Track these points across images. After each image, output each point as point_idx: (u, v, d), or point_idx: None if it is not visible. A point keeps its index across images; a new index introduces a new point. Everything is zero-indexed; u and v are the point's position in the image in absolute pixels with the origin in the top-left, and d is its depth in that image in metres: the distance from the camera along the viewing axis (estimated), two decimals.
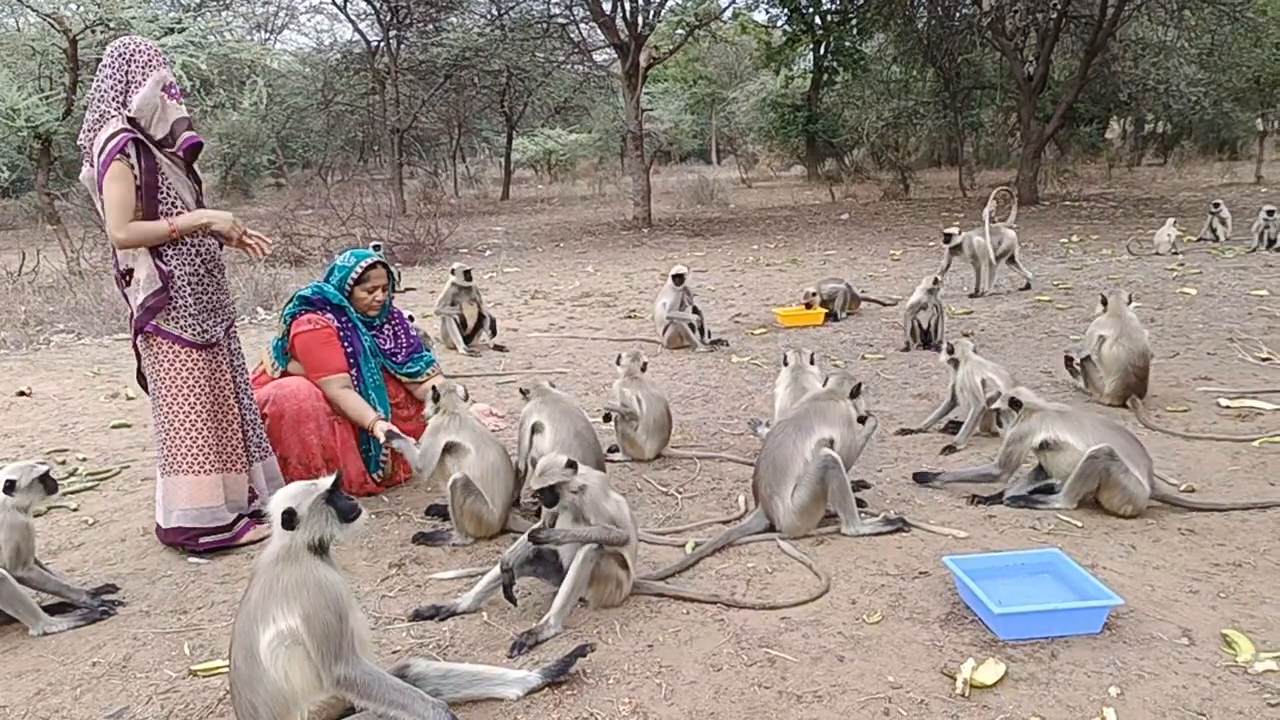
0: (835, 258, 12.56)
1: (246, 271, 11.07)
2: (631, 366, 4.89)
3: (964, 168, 22.32)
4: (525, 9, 21.32)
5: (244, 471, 3.93)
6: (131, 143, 3.52)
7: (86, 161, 3.65)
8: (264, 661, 2.23)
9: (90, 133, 3.59)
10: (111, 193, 3.47)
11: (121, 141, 3.49)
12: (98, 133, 3.55)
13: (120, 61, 3.58)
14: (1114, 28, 17.03)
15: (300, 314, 4.34)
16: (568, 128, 32.19)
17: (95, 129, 3.57)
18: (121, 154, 3.48)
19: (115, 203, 3.48)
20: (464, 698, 2.58)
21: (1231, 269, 9.80)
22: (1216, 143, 26.66)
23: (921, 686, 2.62)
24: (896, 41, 21.91)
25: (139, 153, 3.54)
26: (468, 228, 16.03)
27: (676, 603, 3.18)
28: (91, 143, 3.58)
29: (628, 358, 4.95)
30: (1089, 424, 3.83)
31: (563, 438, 4.00)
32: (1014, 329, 7.54)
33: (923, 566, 3.36)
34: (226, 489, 3.82)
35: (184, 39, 12.21)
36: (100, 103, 3.58)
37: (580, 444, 4.01)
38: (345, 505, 2.40)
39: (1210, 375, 5.76)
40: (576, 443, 4.00)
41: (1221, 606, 2.98)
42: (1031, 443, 3.87)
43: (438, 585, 3.42)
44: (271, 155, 27.93)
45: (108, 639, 3.12)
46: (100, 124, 3.56)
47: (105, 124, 3.54)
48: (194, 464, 3.74)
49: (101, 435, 5.64)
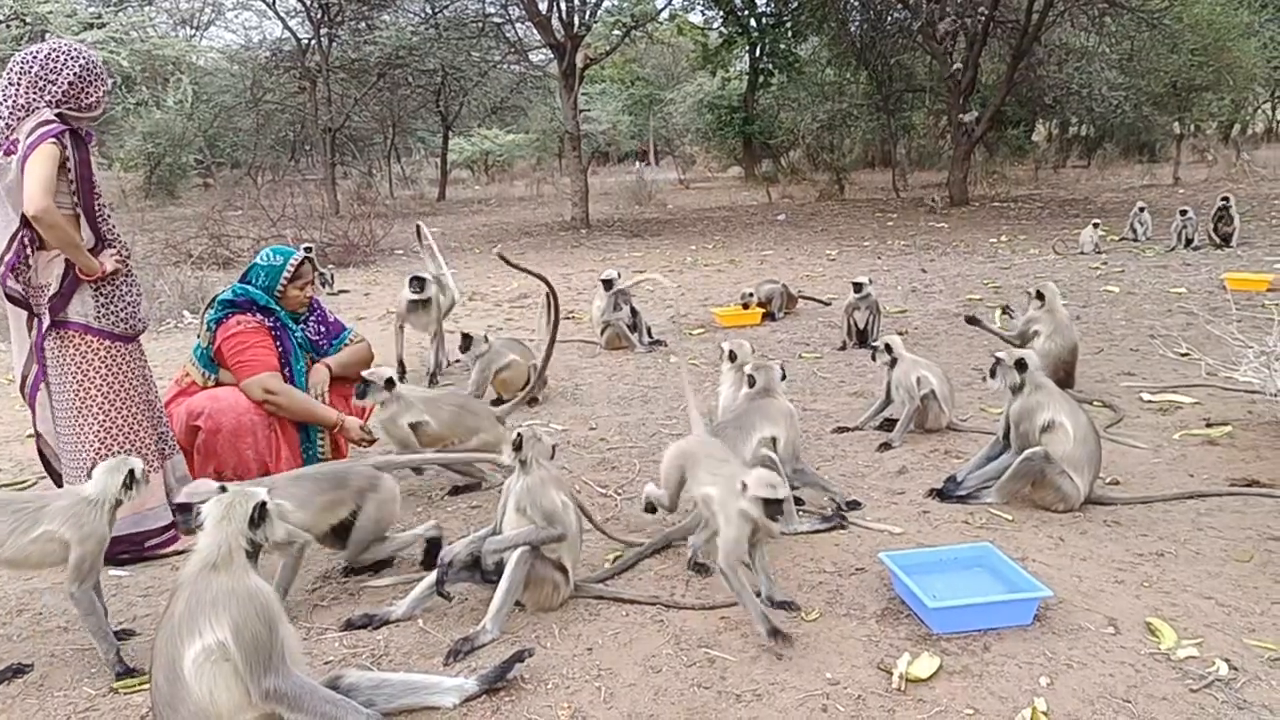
0: (773, 258, 12.68)
1: (172, 274, 10.72)
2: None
3: (897, 169, 22.76)
4: (460, 8, 21.07)
5: (164, 467, 3.85)
6: (68, 133, 3.45)
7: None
8: (188, 680, 2.14)
9: (11, 119, 3.46)
10: (37, 168, 3.33)
11: (56, 129, 3.41)
12: (23, 120, 3.44)
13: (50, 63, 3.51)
14: (1039, 33, 17.52)
15: (226, 317, 4.20)
16: (505, 128, 31.99)
17: (19, 117, 3.45)
18: (56, 139, 3.39)
19: (39, 177, 3.33)
20: (398, 708, 2.52)
21: (1152, 268, 10.16)
22: (1137, 145, 27.59)
23: (859, 682, 2.64)
24: (830, 44, 22.25)
25: (73, 144, 3.46)
26: (403, 229, 15.78)
27: (616, 605, 3.17)
28: (11, 129, 3.45)
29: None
30: (1083, 417, 3.82)
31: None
32: (946, 327, 7.69)
33: (859, 563, 3.40)
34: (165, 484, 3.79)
35: (105, 34, 11.85)
36: (21, 95, 3.46)
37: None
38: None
39: (1133, 371, 5.94)
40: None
41: (1145, 596, 3.07)
42: (1041, 419, 3.79)
43: (372, 593, 3.35)
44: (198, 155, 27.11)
45: (24, 656, 2.97)
46: (25, 113, 3.45)
47: (33, 114, 3.44)
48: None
49: (16, 445, 5.40)
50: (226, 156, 29.49)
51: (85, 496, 2.84)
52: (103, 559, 2.86)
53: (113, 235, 3.67)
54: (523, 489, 3.08)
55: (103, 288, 3.60)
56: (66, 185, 3.48)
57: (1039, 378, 3.92)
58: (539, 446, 3.14)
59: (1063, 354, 5.34)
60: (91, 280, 3.55)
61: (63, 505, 2.81)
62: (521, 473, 3.12)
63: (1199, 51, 18.64)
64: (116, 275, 3.65)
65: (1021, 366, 3.88)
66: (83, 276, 3.53)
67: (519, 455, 3.11)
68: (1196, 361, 5.75)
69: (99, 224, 3.59)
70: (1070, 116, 25.69)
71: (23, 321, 3.63)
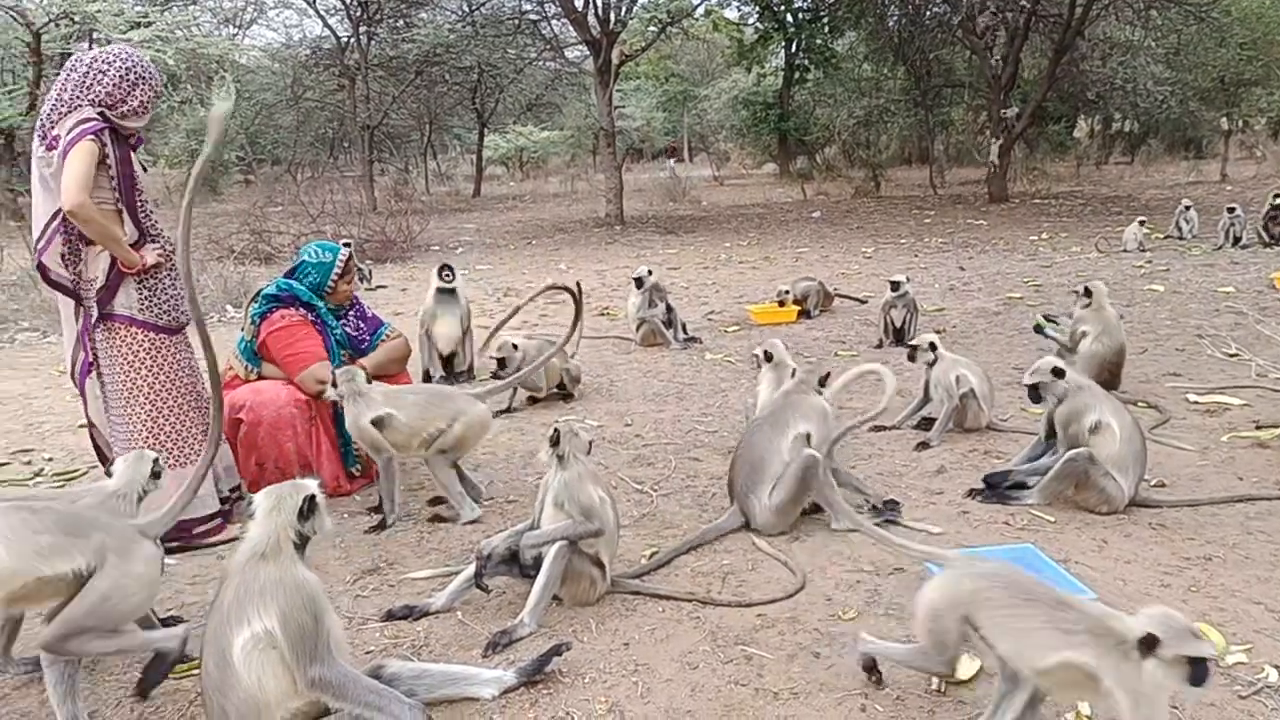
0: (808, 255, 12.61)
1: (215, 269, 10.91)
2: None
3: (934, 165, 22.51)
4: (497, 5, 21.18)
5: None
6: (107, 130, 3.54)
7: (38, 137, 3.61)
8: (237, 666, 2.18)
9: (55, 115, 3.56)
10: (74, 164, 3.42)
11: (95, 126, 3.50)
12: (65, 116, 3.53)
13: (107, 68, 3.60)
14: (1082, 27, 17.24)
15: (270, 312, 4.28)
16: (540, 125, 32.05)
17: (62, 114, 3.55)
18: (95, 136, 3.48)
19: (76, 173, 3.42)
20: (439, 698, 2.55)
21: (1198, 266, 9.96)
22: (1183, 141, 27.09)
23: (898, 683, 2.62)
24: (868, 39, 22.05)
25: (114, 141, 3.57)
26: (439, 225, 15.95)
27: (652, 600, 3.17)
28: (54, 124, 3.54)
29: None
30: (1128, 417, 3.77)
31: None
32: (985, 326, 7.60)
33: (898, 563, 3.37)
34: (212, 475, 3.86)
35: (151, 34, 12.03)
36: (66, 91, 3.57)
37: None
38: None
39: (1179, 371, 5.83)
40: None
41: (1192, 600, 3.02)
42: (1089, 420, 3.74)
43: (411, 585, 3.38)
44: (240, 152, 27.53)
45: None
46: (69, 109, 3.55)
47: (75, 110, 3.54)
48: (186, 454, 3.76)
49: (68, 435, 5.52)
50: (267, 153, 29.89)
51: (112, 491, 2.90)
52: None
53: (156, 230, 3.77)
54: (560, 484, 3.10)
55: (146, 281, 3.70)
56: (108, 181, 3.58)
57: (1078, 379, 3.89)
58: (576, 442, 3.16)
59: (1109, 355, 5.26)
60: (134, 274, 3.64)
61: (92, 502, 2.86)
62: (559, 468, 3.13)
63: (1248, 45, 18.27)
64: (159, 269, 3.74)
65: (1059, 374, 3.85)
66: (124, 270, 3.62)
67: (557, 450, 3.13)
68: (1246, 362, 5.64)
69: (141, 219, 3.68)
70: (1114, 112, 25.23)
71: (71, 310, 3.74)
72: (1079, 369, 5.29)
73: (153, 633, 2.69)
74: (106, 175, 3.56)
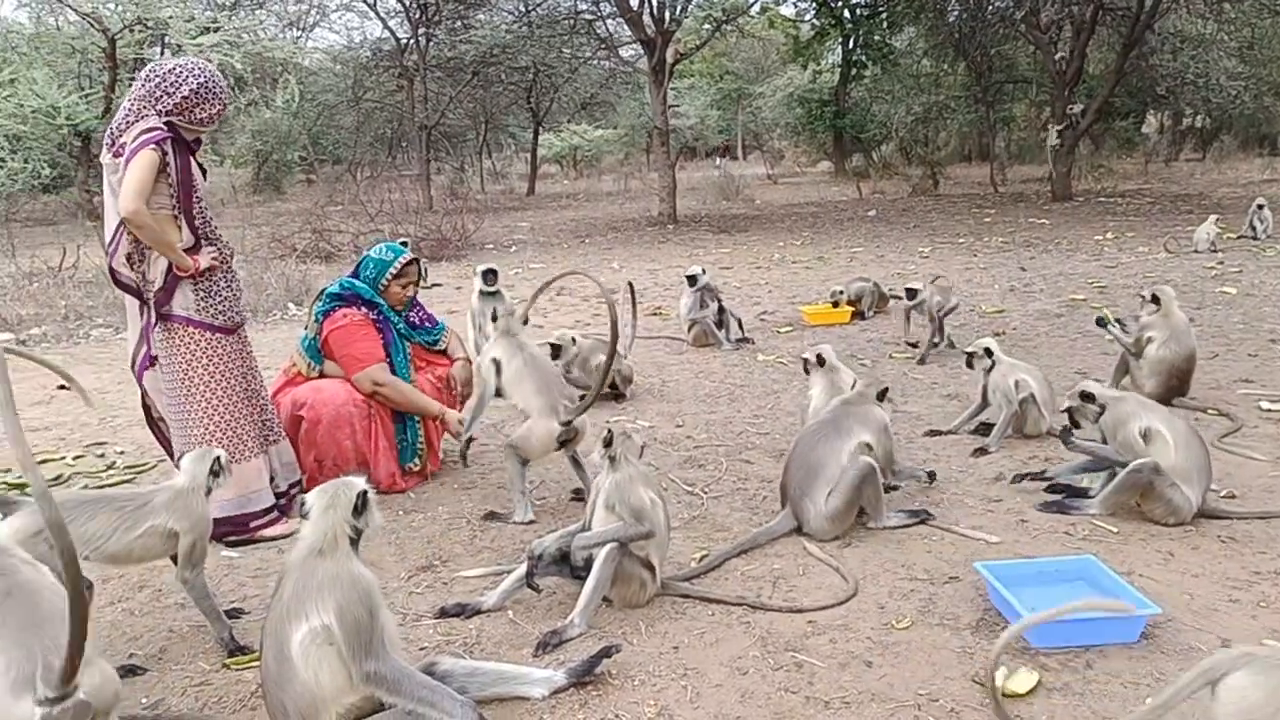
0: (862, 255, 12.45)
1: (278, 267, 11.18)
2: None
3: (995, 163, 22.05)
4: (552, 5, 21.29)
5: (267, 452, 4.05)
6: (170, 141, 3.66)
7: (106, 146, 3.76)
8: (295, 661, 2.23)
9: (123, 124, 3.70)
10: (135, 171, 3.56)
11: (158, 136, 3.63)
12: (133, 125, 3.66)
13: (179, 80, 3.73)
14: (1152, 20, 16.74)
15: (333, 310, 4.38)
16: (594, 124, 32.17)
17: (130, 123, 3.68)
18: (157, 145, 3.61)
19: (135, 181, 3.56)
20: (490, 696, 2.58)
21: (1272, 268, 9.60)
22: (1257, 137, 26.13)
23: (952, 695, 2.58)
24: (927, 35, 21.65)
25: (175, 150, 3.69)
26: (494, 223, 16.10)
27: (702, 604, 3.17)
28: (121, 132, 3.68)
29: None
30: (1180, 423, 3.70)
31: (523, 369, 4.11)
32: (1047, 329, 7.43)
33: (953, 571, 3.32)
34: (269, 469, 4.01)
35: (220, 38, 12.33)
36: (137, 102, 3.71)
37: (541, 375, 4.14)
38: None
39: (1251, 378, 5.64)
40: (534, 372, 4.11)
41: (1263, 616, 2.92)
42: (1135, 427, 3.66)
43: (464, 583, 3.43)
44: (303, 152, 28.16)
45: (144, 630, 3.16)
46: (136, 118, 3.68)
47: (142, 119, 3.67)
48: (241, 450, 3.86)
49: (139, 429, 5.68)
50: (328, 153, 30.53)
51: (182, 488, 2.99)
52: (208, 542, 3.02)
53: (213, 235, 3.90)
54: (612, 486, 3.11)
55: (201, 283, 3.82)
56: (167, 188, 3.71)
57: (1110, 393, 3.87)
58: (628, 444, 3.17)
59: (1178, 361, 5.10)
60: (189, 276, 3.77)
61: (164, 500, 2.95)
62: (611, 470, 3.15)
63: None
64: (214, 272, 3.86)
65: (1088, 398, 3.83)
66: (179, 273, 3.75)
67: (609, 452, 3.15)
68: None
69: (197, 225, 3.81)
70: (1184, 107, 24.41)
71: (135, 308, 3.89)
72: (1145, 375, 5.18)
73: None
74: (166, 182, 3.70)
